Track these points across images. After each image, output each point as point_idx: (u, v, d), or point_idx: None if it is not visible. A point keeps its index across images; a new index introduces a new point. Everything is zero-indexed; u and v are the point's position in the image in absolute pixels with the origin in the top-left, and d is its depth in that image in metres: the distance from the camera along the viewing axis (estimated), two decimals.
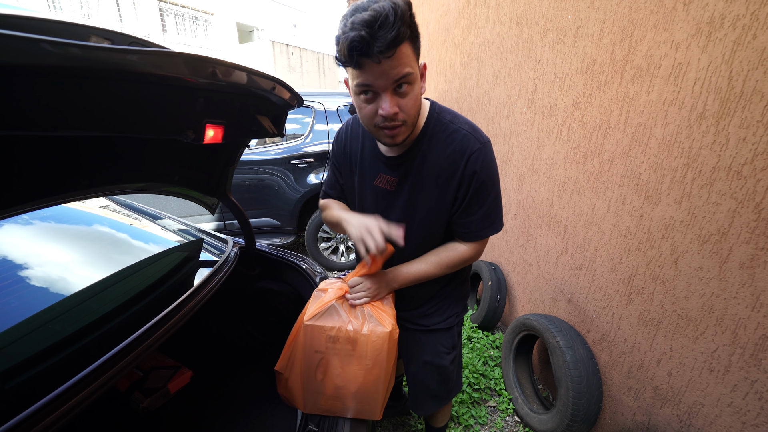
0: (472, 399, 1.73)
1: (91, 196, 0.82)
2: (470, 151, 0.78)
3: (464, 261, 0.89)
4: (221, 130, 0.76)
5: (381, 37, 0.60)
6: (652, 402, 1.18)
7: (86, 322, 0.82)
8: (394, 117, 0.70)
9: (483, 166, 0.79)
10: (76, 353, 0.74)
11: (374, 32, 0.59)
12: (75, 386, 0.61)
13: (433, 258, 0.89)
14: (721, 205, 0.93)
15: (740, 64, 0.87)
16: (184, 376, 1.27)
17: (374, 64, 0.63)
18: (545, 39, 1.61)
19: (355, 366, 0.79)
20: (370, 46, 0.60)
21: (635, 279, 1.21)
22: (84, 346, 0.77)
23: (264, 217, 3.07)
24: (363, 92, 0.69)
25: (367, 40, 0.60)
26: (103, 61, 0.44)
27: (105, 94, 0.50)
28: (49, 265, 0.96)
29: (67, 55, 0.42)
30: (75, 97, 0.48)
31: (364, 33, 0.59)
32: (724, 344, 0.95)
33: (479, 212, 0.83)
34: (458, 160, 0.79)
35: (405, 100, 0.70)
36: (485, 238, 0.87)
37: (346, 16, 0.62)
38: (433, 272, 0.89)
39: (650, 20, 1.09)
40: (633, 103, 1.17)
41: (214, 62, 0.59)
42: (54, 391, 0.59)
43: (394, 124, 0.71)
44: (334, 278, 0.93)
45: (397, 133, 0.73)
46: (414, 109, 0.73)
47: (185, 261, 1.19)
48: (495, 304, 2.12)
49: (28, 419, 0.54)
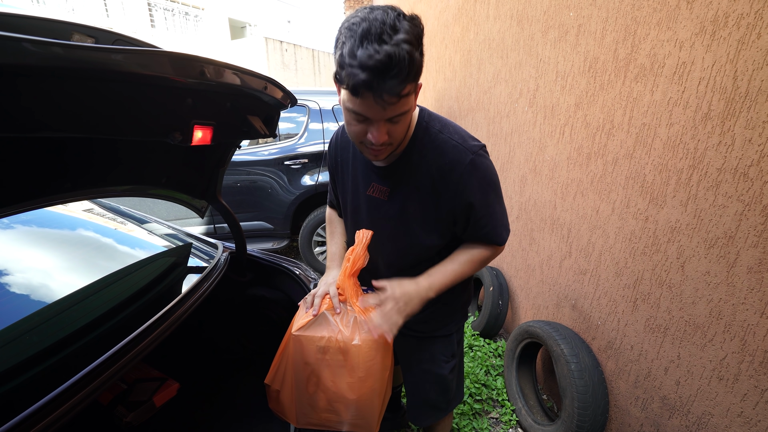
0: (473, 410, 1.72)
1: (74, 199, 0.81)
2: (461, 165, 0.77)
3: (489, 258, 0.90)
4: (210, 132, 0.76)
5: (390, 87, 0.60)
6: (660, 412, 1.19)
7: (68, 331, 0.82)
8: (382, 144, 0.71)
9: (479, 177, 0.79)
10: (56, 365, 0.74)
11: (384, 80, 0.59)
12: (55, 400, 0.61)
13: (464, 256, 0.87)
14: (728, 207, 0.94)
15: (745, 64, 0.88)
16: (171, 389, 1.26)
17: (374, 102, 0.63)
18: (547, 37, 1.62)
19: (348, 377, 0.78)
20: (377, 91, 0.60)
21: (641, 284, 1.22)
22: (65, 357, 0.76)
23: (256, 220, 3.06)
24: (354, 116, 0.69)
25: (374, 86, 0.59)
26: (86, 60, 0.44)
27: (88, 94, 0.50)
28: (29, 271, 0.96)
29: (49, 54, 0.42)
30: (57, 97, 0.48)
31: (375, 81, 0.58)
32: (733, 352, 0.95)
33: (491, 220, 0.84)
34: (449, 175, 0.78)
35: (396, 127, 0.70)
36: (505, 241, 0.88)
37: (354, 35, 0.58)
38: (467, 271, 0.87)
39: (653, 18, 1.10)
40: (637, 102, 1.19)
41: (202, 61, 0.59)
42: (32, 405, 0.58)
43: (380, 148, 0.73)
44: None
45: (380, 153, 0.74)
46: (403, 134, 0.74)
47: (173, 267, 1.18)
48: (497, 311, 2.12)
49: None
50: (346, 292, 0.82)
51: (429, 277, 0.84)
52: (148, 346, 0.79)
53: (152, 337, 0.80)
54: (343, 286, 0.82)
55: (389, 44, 0.57)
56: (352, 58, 0.58)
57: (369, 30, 0.58)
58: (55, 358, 0.75)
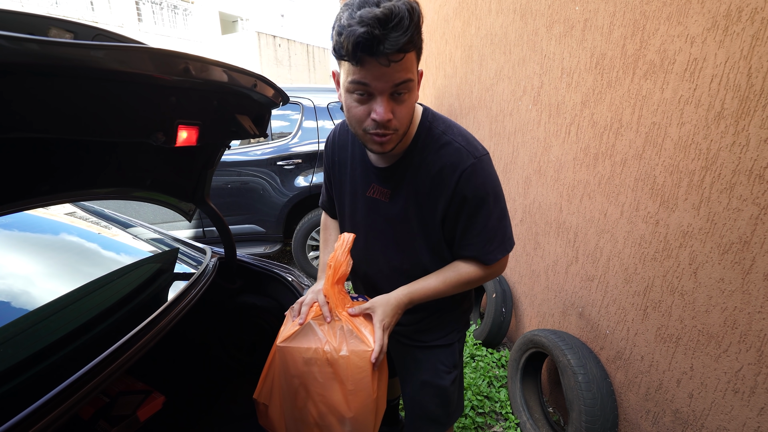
0: (475, 424, 1.71)
1: (55, 202, 0.81)
2: (462, 167, 0.77)
3: (479, 279, 0.88)
4: (196, 132, 0.75)
5: (393, 39, 0.59)
6: (672, 427, 1.18)
7: (48, 341, 0.81)
8: (387, 124, 0.69)
9: (478, 184, 0.78)
10: (33, 377, 0.73)
11: (387, 32, 0.59)
12: (32, 415, 0.60)
13: (450, 274, 0.86)
14: (743, 211, 0.93)
15: (760, 60, 0.88)
16: (156, 402, 1.24)
17: (377, 65, 0.62)
18: (551, 32, 1.63)
19: (338, 390, 0.77)
20: (380, 46, 0.60)
21: (651, 291, 1.22)
22: (43, 368, 0.75)
23: (247, 223, 3.05)
24: (357, 91, 0.68)
25: (378, 39, 0.59)
26: (63, 57, 0.44)
27: (65, 92, 0.50)
28: (9, 277, 0.95)
29: (24, 51, 0.41)
30: (32, 96, 0.47)
31: (376, 32, 0.58)
32: (749, 363, 0.95)
33: (482, 234, 0.82)
34: (449, 177, 0.78)
35: (401, 107, 0.70)
36: (495, 261, 0.85)
37: (352, 6, 0.61)
38: (450, 290, 0.86)
39: (663, 12, 1.11)
40: (646, 101, 1.19)
41: (186, 58, 0.58)
42: (8, 421, 0.57)
43: (386, 132, 0.71)
44: None
45: (387, 140, 0.73)
46: (407, 118, 0.73)
47: (158, 273, 1.17)
48: (500, 319, 2.12)
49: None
50: (332, 300, 0.81)
51: (408, 288, 0.85)
52: (132, 357, 0.78)
53: (137, 347, 0.80)
54: (329, 294, 0.82)
55: (389, 3, 0.59)
56: (351, 19, 0.59)
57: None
58: (34, 370, 0.74)
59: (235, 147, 2.98)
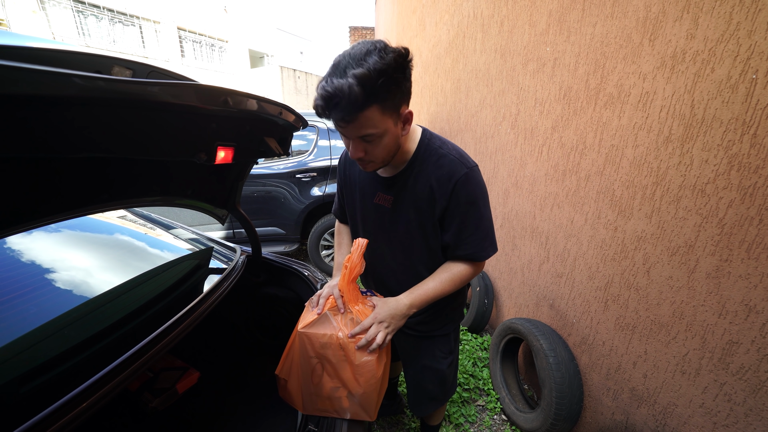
0: (462, 398, 1.70)
1: (111, 208, 0.82)
2: (457, 176, 0.78)
3: (470, 276, 0.87)
4: (231, 152, 0.77)
5: (336, 114, 0.63)
6: (629, 402, 1.17)
7: (104, 325, 0.81)
8: (361, 159, 0.72)
9: (470, 190, 0.79)
10: (93, 355, 0.73)
11: (330, 109, 0.62)
12: (92, 386, 0.60)
13: (445, 275, 0.85)
14: (688, 220, 0.94)
15: (701, 94, 0.89)
16: (192, 377, 1.25)
17: (336, 124, 0.67)
18: (527, 68, 1.64)
19: (348, 370, 0.77)
20: (330, 115, 0.64)
21: (611, 287, 1.22)
22: (101, 348, 0.76)
23: (270, 226, 3.06)
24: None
25: (326, 112, 0.63)
26: (125, 92, 0.45)
27: (126, 120, 0.51)
28: (73, 269, 0.96)
29: (94, 87, 0.43)
30: (99, 123, 0.49)
31: (324, 110, 0.63)
32: (694, 348, 0.95)
33: (477, 233, 0.82)
34: (446, 184, 0.78)
35: (373, 146, 0.71)
36: (487, 258, 0.84)
37: (328, 72, 0.63)
38: (447, 289, 0.85)
39: (620, 53, 1.12)
40: (606, 126, 1.20)
41: (225, 92, 0.59)
42: (73, 390, 0.58)
43: (362, 162, 0.74)
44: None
45: (365, 166, 0.76)
46: (383, 154, 0.73)
47: (196, 268, 1.18)
48: (483, 309, 2.11)
49: (45, 420, 0.53)
50: (346, 295, 0.82)
51: (410, 295, 0.84)
52: (174, 339, 0.78)
53: (178, 331, 0.80)
54: (343, 290, 0.82)
55: (344, 78, 0.59)
56: (318, 87, 0.63)
57: (339, 64, 0.61)
58: (93, 348, 0.75)
59: (260, 162, 3.00)
